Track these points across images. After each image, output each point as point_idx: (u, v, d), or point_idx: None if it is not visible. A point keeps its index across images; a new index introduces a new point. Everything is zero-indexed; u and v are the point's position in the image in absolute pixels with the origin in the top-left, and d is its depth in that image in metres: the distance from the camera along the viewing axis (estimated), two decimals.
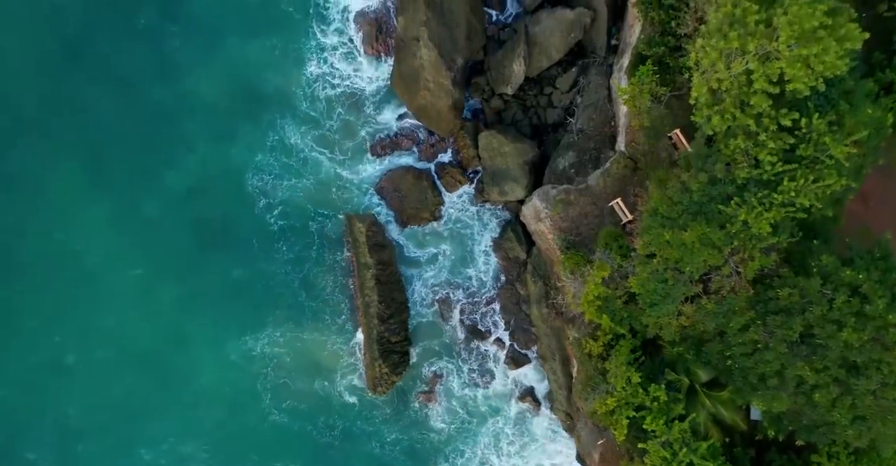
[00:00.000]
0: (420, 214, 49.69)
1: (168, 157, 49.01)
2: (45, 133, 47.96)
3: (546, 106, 47.36)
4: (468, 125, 48.54)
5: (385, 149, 50.05)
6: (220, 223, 49.60)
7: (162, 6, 48.08)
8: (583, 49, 46.29)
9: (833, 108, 31.21)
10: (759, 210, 30.90)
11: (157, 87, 48.47)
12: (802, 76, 29.18)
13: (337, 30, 48.80)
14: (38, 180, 48.12)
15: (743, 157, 31.64)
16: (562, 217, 40.25)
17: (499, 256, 49.97)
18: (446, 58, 44.49)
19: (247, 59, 48.62)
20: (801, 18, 28.40)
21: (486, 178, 47.93)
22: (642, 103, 36.60)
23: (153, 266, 49.56)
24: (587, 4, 44.94)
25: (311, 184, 49.90)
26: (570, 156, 43.50)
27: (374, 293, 47.49)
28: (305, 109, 49.19)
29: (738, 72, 30.21)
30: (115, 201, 48.74)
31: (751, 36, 29.56)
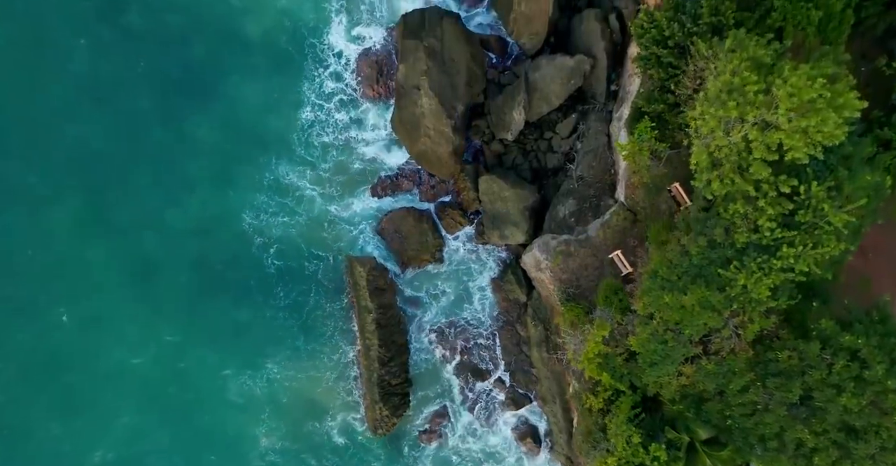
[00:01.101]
0: (420, 256, 49.82)
1: (168, 197, 49.20)
2: (47, 173, 48.12)
3: (546, 150, 47.52)
4: (468, 168, 48.70)
5: (386, 190, 50.22)
6: (224, 263, 49.78)
7: (163, 49, 48.25)
8: (583, 94, 46.45)
9: (832, 174, 31.37)
10: (758, 275, 31.03)
11: (157, 128, 48.72)
12: (801, 146, 29.36)
13: (337, 73, 49.07)
14: (41, 219, 48.28)
15: (742, 222, 31.78)
16: (562, 268, 40.39)
17: (499, 297, 50.10)
18: (447, 106, 44.68)
19: (248, 101, 48.87)
20: (800, 90, 28.58)
21: (487, 221, 48.08)
22: (641, 160, 36.76)
23: (153, 305, 49.69)
24: (587, 51, 45.07)
25: (312, 224, 50.14)
26: (570, 204, 43.63)
27: (374, 336, 47.60)
28: (303, 151, 49.47)
29: (737, 140, 30.36)
30: (115, 241, 48.91)
31: (750, 105, 29.73)
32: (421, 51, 44.16)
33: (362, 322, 48.26)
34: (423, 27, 45.33)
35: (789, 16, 32.61)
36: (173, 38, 47.84)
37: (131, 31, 47.83)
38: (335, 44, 48.85)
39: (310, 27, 48.55)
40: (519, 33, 46.40)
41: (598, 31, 44.50)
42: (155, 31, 47.82)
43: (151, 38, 47.85)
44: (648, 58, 36.83)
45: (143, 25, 47.80)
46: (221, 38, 48.20)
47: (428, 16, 45.56)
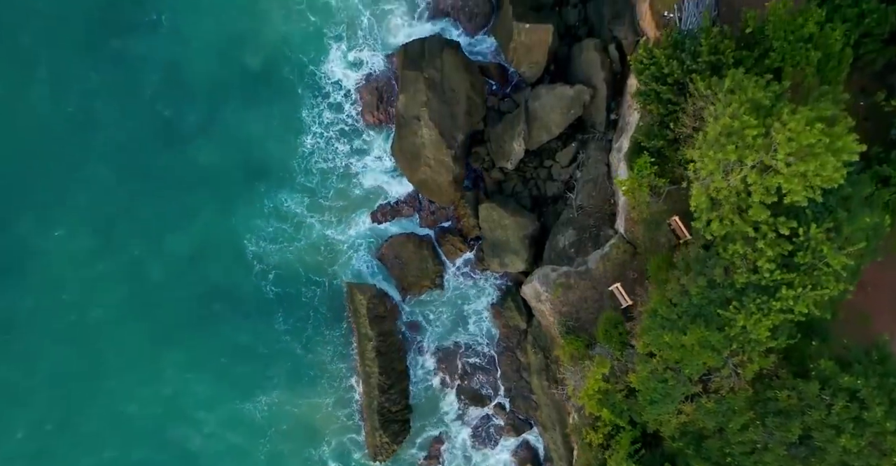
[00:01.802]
0: (420, 282, 49.89)
1: (168, 224, 49.25)
2: (50, 200, 48.17)
3: (546, 178, 47.61)
4: (468, 194, 48.77)
5: (385, 215, 50.33)
6: (224, 289, 49.85)
7: (165, 75, 48.32)
8: (582, 123, 46.55)
9: (831, 215, 31.49)
10: (757, 316, 31.13)
11: (158, 155, 48.75)
12: (800, 190, 29.47)
13: (337, 100, 49.13)
14: (44, 245, 48.31)
15: (742, 262, 31.86)
16: (562, 301, 40.48)
17: (499, 323, 50.16)
18: (447, 136, 44.82)
19: (249, 129, 48.94)
20: (798, 134, 28.68)
21: (487, 248, 48.15)
22: (641, 196, 36.86)
23: (153, 331, 49.71)
24: (586, 81, 45.18)
25: (312, 250, 50.26)
26: (570, 234, 43.72)
27: (374, 364, 47.66)
28: (303, 178, 49.56)
29: (737, 183, 30.46)
30: (115, 267, 48.95)
31: (749, 148, 29.85)
32: (421, 82, 44.28)
33: (362, 349, 48.33)
34: (424, 57, 45.45)
35: (788, 56, 32.72)
36: (174, 66, 47.96)
37: (133, 60, 47.94)
38: (334, 71, 48.94)
39: (309, 55, 48.66)
40: (519, 62, 46.52)
41: (597, 62, 44.61)
42: (156, 60, 47.94)
43: (153, 67, 47.98)
44: (648, 93, 36.94)
45: (145, 54, 47.86)
46: (222, 66, 48.30)
47: (428, 46, 45.66)
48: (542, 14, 46.89)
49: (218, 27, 48.18)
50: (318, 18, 48.61)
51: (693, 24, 38.36)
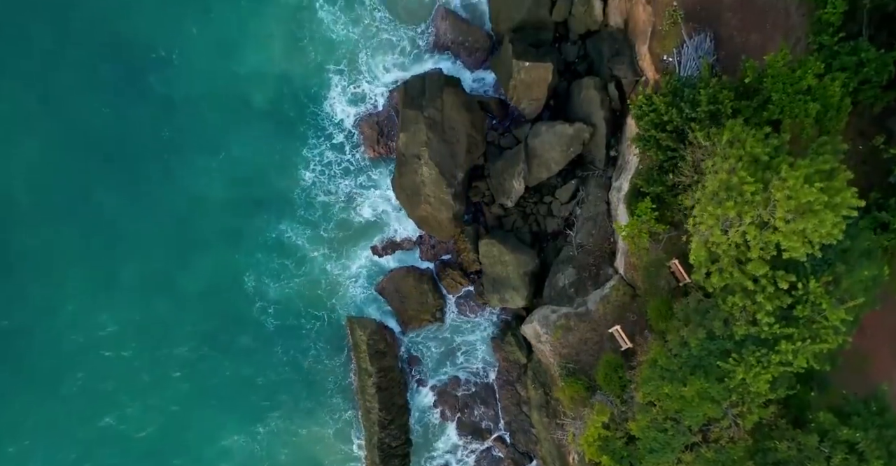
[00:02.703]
0: (421, 315, 50.02)
1: (169, 258, 49.29)
2: (53, 231, 48.20)
3: (546, 214, 47.75)
4: (468, 229, 48.91)
5: (386, 249, 50.48)
6: (225, 323, 50.00)
7: (172, 110, 48.29)
8: (582, 159, 46.66)
9: (829, 268, 31.66)
10: (756, 369, 31.27)
11: (162, 189, 48.80)
12: (799, 246, 29.63)
13: (338, 133, 49.20)
14: (49, 279, 48.38)
15: (741, 314, 32.02)
16: (562, 343, 40.62)
17: (499, 357, 50.27)
18: (447, 175, 44.98)
19: (251, 164, 49.04)
20: (797, 192, 28.83)
21: (487, 284, 48.28)
22: (641, 242, 36.99)
23: (155, 364, 49.82)
24: (586, 119, 45.32)
25: (313, 284, 50.42)
26: (569, 273, 43.85)
27: (374, 400, 47.78)
28: (305, 212, 49.71)
29: (736, 238, 30.60)
30: (119, 301, 49.02)
31: (747, 204, 30.00)
32: (421, 122, 44.44)
33: (362, 384, 48.45)
34: (424, 95, 45.60)
35: (787, 109, 32.92)
36: (182, 102, 48.03)
37: (140, 95, 47.93)
38: (336, 106, 49.06)
39: (312, 90, 48.76)
40: (519, 99, 46.67)
41: (597, 100, 44.76)
42: (164, 95, 47.98)
43: (160, 102, 47.98)
44: (647, 139, 37.10)
45: (153, 90, 47.89)
46: (227, 102, 48.38)
47: (428, 83, 45.81)
48: (541, 51, 46.99)
49: (224, 63, 48.26)
50: (321, 53, 48.69)
51: (692, 69, 38.56)
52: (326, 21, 48.26)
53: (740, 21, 39.27)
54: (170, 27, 47.96)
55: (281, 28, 48.19)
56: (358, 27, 48.40)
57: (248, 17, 48.25)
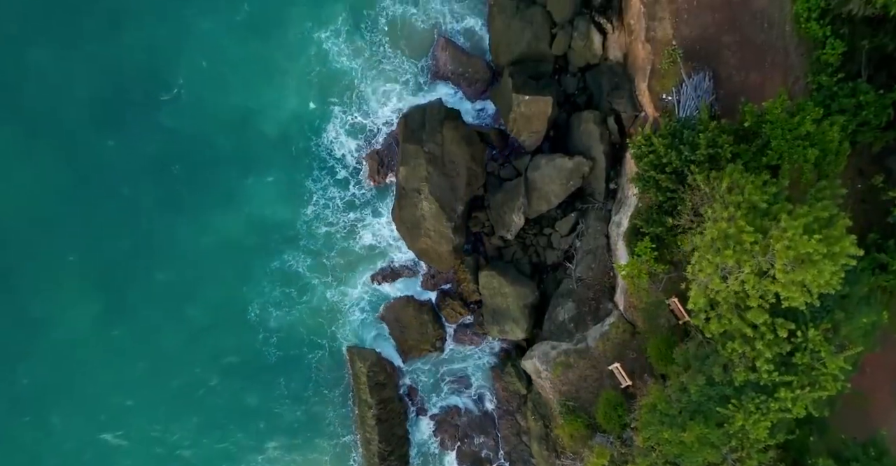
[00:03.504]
0: (421, 346, 50.04)
1: (171, 290, 49.32)
2: (59, 268, 48.05)
3: (546, 246, 47.82)
4: (468, 259, 48.94)
5: (387, 277, 50.51)
6: (228, 353, 49.92)
7: (177, 145, 48.10)
8: (581, 192, 46.74)
9: (829, 315, 31.82)
10: (756, 416, 31.36)
11: (167, 221, 48.53)
12: (798, 296, 29.74)
13: (341, 169, 49.02)
14: (52, 311, 48.20)
15: (740, 360, 32.12)
16: (561, 380, 40.72)
17: (499, 386, 50.29)
18: (447, 209, 45.07)
19: (253, 194, 48.82)
20: (797, 244, 28.94)
21: (487, 315, 48.35)
22: (640, 283, 37.08)
23: (155, 393, 49.79)
24: (585, 152, 45.43)
25: (314, 313, 50.19)
26: (569, 307, 43.94)
27: (374, 431, 47.83)
28: (307, 242, 49.44)
29: (735, 287, 30.70)
30: (123, 333, 48.79)
31: (746, 253, 30.10)
32: (421, 157, 44.56)
33: (362, 415, 48.51)
34: (424, 128, 45.71)
35: (786, 155, 33.04)
36: (185, 137, 47.88)
37: (146, 130, 47.78)
38: (338, 137, 48.77)
39: (314, 124, 48.43)
40: (519, 132, 46.75)
41: (596, 134, 44.87)
42: (170, 129, 47.84)
43: (166, 137, 47.85)
44: (647, 180, 37.17)
45: (159, 125, 47.80)
46: (230, 136, 48.25)
47: (428, 116, 45.91)
48: (541, 83, 47.09)
49: (229, 97, 48.01)
50: (324, 86, 48.47)
51: (691, 109, 38.68)
52: (330, 54, 48.18)
53: (739, 60, 39.47)
54: (175, 60, 47.87)
55: (285, 61, 48.11)
56: (360, 59, 48.34)
57: (254, 50, 48.10)
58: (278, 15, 48.13)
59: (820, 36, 37.45)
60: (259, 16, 48.20)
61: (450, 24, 48.92)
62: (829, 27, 37.16)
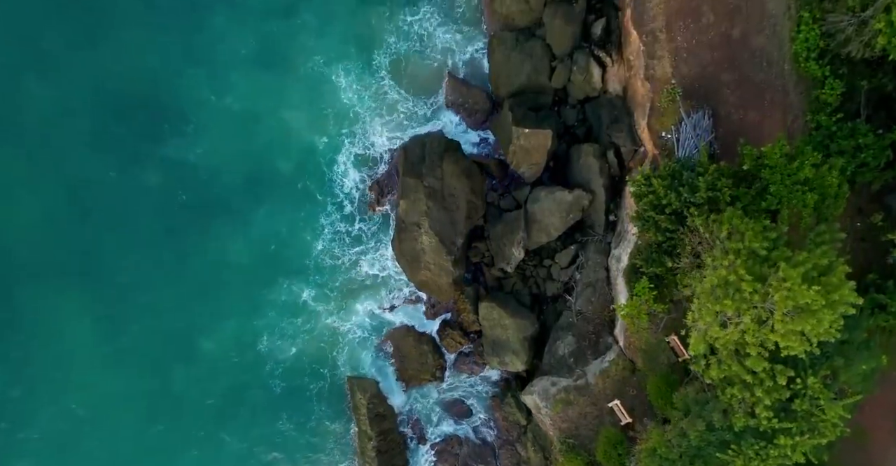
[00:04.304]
0: (421, 375, 50.09)
1: (183, 320, 49.14)
2: (67, 297, 48.08)
3: (546, 278, 47.88)
4: (468, 290, 48.99)
5: (389, 307, 50.61)
6: (232, 383, 49.84)
7: (187, 177, 48.34)
8: (581, 224, 46.80)
9: (828, 361, 31.87)
10: (755, 462, 31.40)
11: (177, 253, 48.67)
12: (797, 346, 29.78)
13: (347, 196, 49.18)
14: (59, 345, 48.13)
15: (740, 406, 32.17)
16: (561, 417, 40.77)
17: (499, 416, 50.31)
18: (447, 242, 45.15)
19: (259, 226, 49.10)
20: (796, 293, 28.97)
21: (487, 346, 48.38)
22: (640, 323, 37.13)
23: (163, 430, 49.61)
24: (585, 185, 45.52)
25: (318, 343, 50.18)
26: (569, 342, 43.99)
27: (374, 462, 47.90)
28: (315, 273, 49.51)
29: (735, 335, 30.75)
30: (128, 364, 48.63)
31: (745, 303, 30.14)
32: (421, 191, 44.67)
33: (363, 446, 48.56)
34: (424, 161, 45.81)
35: (785, 200, 33.06)
36: (194, 169, 48.20)
37: (159, 163, 48.10)
38: (345, 170, 49.03)
39: (321, 158, 48.79)
40: (518, 164, 46.84)
41: (595, 168, 44.97)
42: (181, 163, 48.16)
43: (177, 170, 48.15)
44: (646, 219, 37.21)
45: (171, 158, 48.12)
46: (238, 170, 48.57)
47: (428, 149, 46.02)
48: (540, 114, 47.23)
49: (238, 130, 48.43)
50: (331, 118, 48.86)
51: (690, 147, 38.77)
52: (336, 87, 48.48)
53: (739, 98, 39.55)
54: (182, 93, 48.12)
55: (294, 95, 48.46)
56: (366, 91, 48.68)
57: (262, 83, 48.46)
58: (286, 49, 48.53)
59: (819, 75, 37.54)
60: (267, 50, 48.70)
61: (452, 57, 49.25)
62: (828, 67, 37.25)
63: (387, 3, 49.25)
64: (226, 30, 48.73)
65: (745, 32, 39.17)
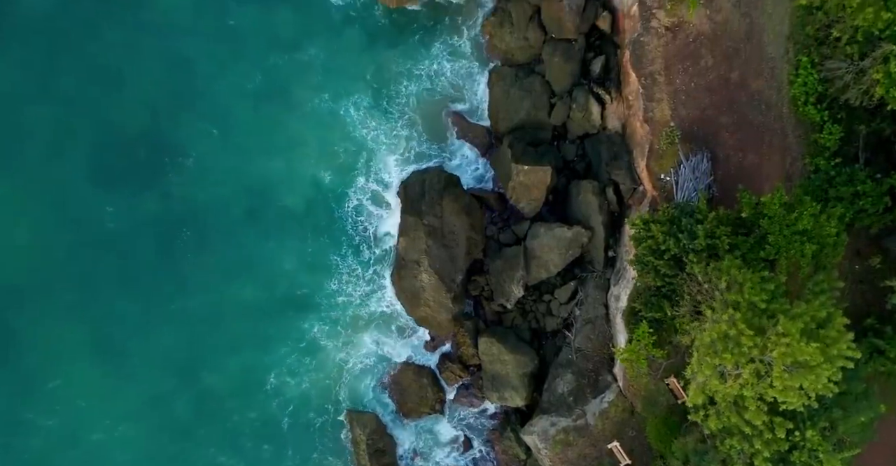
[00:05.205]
0: (420, 408, 49.96)
1: (190, 355, 49.07)
2: (71, 334, 47.88)
3: (545, 313, 47.88)
4: (468, 323, 48.94)
5: (392, 340, 50.49)
6: (240, 421, 49.79)
7: (191, 212, 48.32)
8: (581, 259, 46.87)
9: (826, 412, 31.95)
10: None
11: (183, 291, 48.56)
12: (795, 401, 29.88)
13: (358, 234, 49.07)
14: (59, 379, 47.77)
15: (738, 456, 32.25)
16: (560, 458, 40.82)
17: (498, 449, 50.27)
18: (447, 280, 45.23)
19: (270, 265, 48.86)
20: (795, 350, 29.07)
21: (486, 380, 48.33)
22: (639, 368, 37.21)
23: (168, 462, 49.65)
24: (584, 222, 45.57)
25: (323, 377, 49.54)
26: (568, 380, 44.03)
27: None
28: (322, 307, 49.23)
29: (734, 389, 30.83)
30: (138, 401, 48.64)
31: (744, 357, 30.24)
32: (421, 229, 44.77)
33: None
34: (423, 198, 45.88)
35: (783, 250, 33.13)
36: (202, 204, 48.28)
37: (164, 197, 48.10)
38: (353, 204, 48.95)
39: (328, 193, 48.75)
40: (518, 199, 46.94)
41: (595, 205, 45.04)
42: (188, 197, 48.18)
43: (184, 204, 48.17)
44: (645, 264, 37.31)
45: (176, 192, 48.13)
46: (241, 207, 48.53)
47: (428, 186, 46.08)
48: (540, 149, 47.34)
49: (242, 165, 48.44)
50: (339, 154, 48.88)
51: (689, 190, 38.86)
52: (347, 124, 48.64)
53: (737, 141, 39.70)
54: (185, 127, 48.19)
55: (302, 131, 48.52)
56: (377, 129, 48.80)
57: (267, 118, 48.51)
58: (292, 84, 48.71)
59: (817, 120, 37.71)
60: (271, 85, 48.78)
61: (456, 92, 49.55)
62: (827, 112, 37.42)
63: (392, 38, 49.44)
64: (231, 64, 48.73)
65: (744, 75, 39.34)
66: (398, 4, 48.26)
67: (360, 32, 49.44)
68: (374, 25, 49.35)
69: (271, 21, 49.15)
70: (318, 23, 49.42)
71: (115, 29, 48.95)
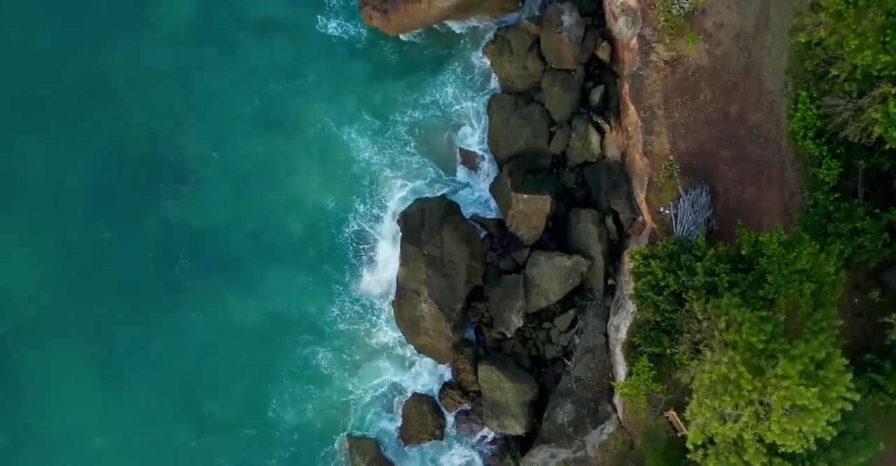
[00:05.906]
0: (420, 434, 50.01)
1: (192, 384, 49.03)
2: (71, 361, 48.07)
3: (545, 340, 47.90)
4: (468, 350, 48.90)
5: (394, 367, 50.60)
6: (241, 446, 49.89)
7: (192, 240, 48.49)
8: (580, 287, 46.92)
9: (825, 452, 31.97)
10: None
11: (183, 316, 48.65)
12: (794, 444, 29.95)
13: (360, 259, 49.34)
14: (58, 407, 47.92)
15: None
16: None
17: None
18: (446, 310, 45.29)
19: (271, 293, 49.01)
20: (794, 394, 29.15)
21: (486, 407, 48.35)
22: (639, 403, 37.26)
23: None
24: (584, 251, 45.64)
25: (326, 406, 49.51)
26: (568, 410, 44.10)
27: None
28: (326, 336, 49.32)
29: (733, 431, 30.90)
30: (139, 428, 48.54)
31: (743, 399, 30.31)
32: (421, 259, 44.84)
33: None
34: (423, 227, 45.95)
35: (782, 289, 33.19)
36: (211, 234, 48.58)
37: (164, 224, 48.35)
38: (356, 231, 49.29)
39: (330, 219, 49.04)
40: (517, 227, 47.04)
41: (594, 234, 45.11)
42: (186, 225, 48.37)
43: (182, 232, 48.33)
44: (645, 299, 37.38)
45: (174, 218, 48.37)
46: (240, 232, 48.83)
47: (427, 215, 46.12)
48: (539, 177, 47.43)
49: (243, 190, 48.79)
50: (345, 182, 49.19)
51: (688, 223, 38.93)
52: (350, 150, 48.88)
53: (737, 174, 39.77)
54: (184, 153, 48.45)
55: (304, 157, 48.85)
56: (380, 156, 49.10)
57: (269, 143, 48.77)
58: (291, 110, 48.98)
59: (816, 154, 37.81)
60: (272, 111, 49.07)
61: (458, 118, 49.89)
62: (826, 146, 37.51)
63: (394, 66, 49.69)
64: (232, 91, 48.99)
65: (743, 109, 39.44)
66: (398, 32, 48.41)
67: (362, 60, 49.64)
68: (376, 54, 49.59)
69: (273, 49, 49.47)
70: (318, 50, 49.64)
71: (114, 54, 49.27)
